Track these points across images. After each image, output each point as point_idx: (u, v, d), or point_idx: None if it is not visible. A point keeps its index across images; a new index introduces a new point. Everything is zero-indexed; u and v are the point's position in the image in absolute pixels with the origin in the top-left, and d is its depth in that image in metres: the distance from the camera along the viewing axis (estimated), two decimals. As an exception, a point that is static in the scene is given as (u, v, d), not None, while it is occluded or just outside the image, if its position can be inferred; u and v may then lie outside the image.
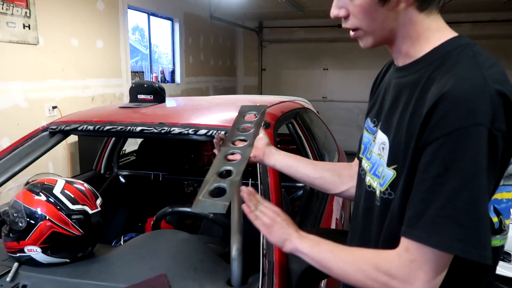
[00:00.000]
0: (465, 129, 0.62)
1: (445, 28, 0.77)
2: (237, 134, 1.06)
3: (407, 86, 0.76)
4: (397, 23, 0.75)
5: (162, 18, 5.73)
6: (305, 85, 8.21)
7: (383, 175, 0.78)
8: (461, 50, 0.71)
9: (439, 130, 0.65)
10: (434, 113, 0.65)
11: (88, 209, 1.25)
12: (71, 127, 1.77)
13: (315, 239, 0.84)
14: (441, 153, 0.64)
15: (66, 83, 3.82)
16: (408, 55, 0.79)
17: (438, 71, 0.71)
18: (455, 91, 0.65)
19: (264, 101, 2.18)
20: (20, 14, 3.25)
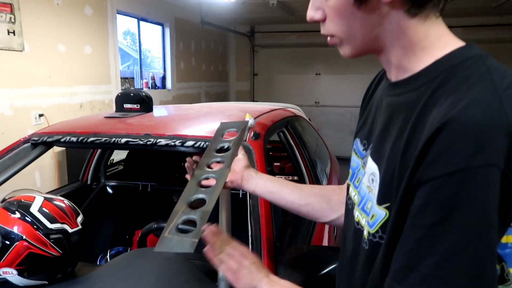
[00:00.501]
0: (472, 170, 0.49)
1: (449, 35, 0.63)
2: (213, 155, 0.96)
3: (403, 108, 0.62)
4: (383, 30, 0.62)
5: (153, 23, 5.67)
6: (298, 89, 8.19)
7: (373, 213, 0.64)
8: (471, 63, 0.57)
9: (439, 167, 0.51)
10: (434, 144, 0.52)
11: (67, 228, 1.19)
12: (54, 139, 1.70)
13: (287, 286, 0.76)
14: (439, 196, 0.51)
15: (53, 90, 3.74)
16: (402, 68, 0.65)
17: (441, 89, 0.57)
18: (463, 119, 0.51)
19: (254, 109, 2.14)
20: (4, 20, 3.17)
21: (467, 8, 5.99)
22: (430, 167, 0.52)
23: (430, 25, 0.62)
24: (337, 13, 0.64)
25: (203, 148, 1.51)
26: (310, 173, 2.15)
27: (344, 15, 0.64)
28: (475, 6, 5.87)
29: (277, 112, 2.18)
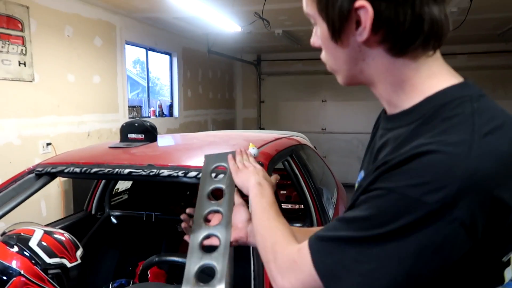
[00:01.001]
0: (407, 198, 0.52)
1: (444, 73, 0.61)
2: (207, 204, 0.87)
3: (392, 140, 0.63)
4: (367, 65, 0.62)
5: (161, 53, 5.79)
6: (304, 116, 8.22)
7: None
8: (459, 104, 0.57)
9: (384, 182, 0.55)
10: (402, 168, 0.54)
11: (66, 262, 1.17)
12: (57, 169, 1.70)
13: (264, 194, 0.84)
14: (376, 201, 0.55)
15: (61, 119, 3.79)
16: (393, 104, 0.65)
17: (425, 126, 0.57)
18: (432, 157, 0.52)
19: (259, 138, 2.13)
20: (16, 51, 3.26)
21: (471, 36, 6.04)
22: (380, 179, 0.55)
23: (421, 64, 0.61)
24: (323, 45, 0.66)
25: (206, 178, 1.50)
26: (316, 202, 2.12)
27: (328, 48, 0.65)
28: (480, 33, 5.91)
29: (282, 141, 2.17)
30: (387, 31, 0.58)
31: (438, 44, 0.60)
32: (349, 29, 0.60)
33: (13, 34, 3.23)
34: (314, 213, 2.05)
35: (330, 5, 0.60)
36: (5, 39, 3.16)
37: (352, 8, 0.57)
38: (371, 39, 0.59)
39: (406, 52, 0.59)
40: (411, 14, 0.56)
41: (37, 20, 3.46)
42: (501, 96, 6.71)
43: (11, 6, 3.21)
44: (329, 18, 0.61)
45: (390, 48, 0.59)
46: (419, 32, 0.57)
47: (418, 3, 0.56)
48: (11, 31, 3.21)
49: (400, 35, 0.58)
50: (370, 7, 0.56)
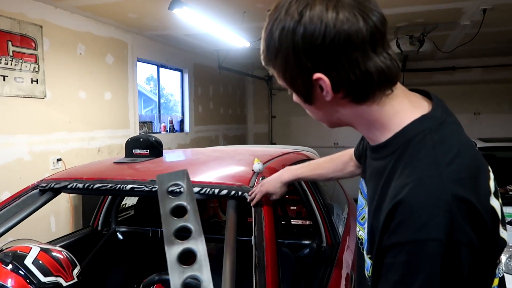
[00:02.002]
0: (418, 243, 0.60)
1: (405, 109, 0.71)
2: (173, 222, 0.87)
3: (375, 173, 0.75)
4: (342, 115, 0.73)
5: (172, 70, 5.84)
6: (316, 131, 8.15)
7: (366, 261, 0.77)
8: (421, 138, 0.67)
9: (395, 237, 0.62)
10: (392, 220, 0.63)
11: (62, 281, 1.13)
12: (61, 185, 1.69)
13: None
14: (398, 260, 0.62)
15: (72, 135, 3.82)
16: (371, 139, 0.77)
17: (399, 162, 0.68)
18: (410, 199, 0.61)
19: (266, 153, 2.09)
20: (28, 69, 3.32)
21: (486, 49, 5.95)
22: (390, 237, 0.63)
23: (383, 105, 0.70)
24: (302, 105, 0.76)
25: (209, 194, 1.46)
26: (325, 219, 2.05)
27: (306, 107, 0.76)
28: (494, 46, 5.82)
29: (289, 156, 2.12)
30: (345, 89, 0.67)
31: (393, 84, 0.69)
32: (316, 93, 0.70)
33: (26, 52, 3.30)
34: (323, 230, 1.99)
35: (294, 82, 0.70)
36: (18, 57, 3.22)
37: (312, 80, 0.67)
38: (336, 97, 0.68)
39: (367, 99, 0.69)
40: (359, 73, 0.65)
41: (50, 39, 3.53)
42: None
43: (25, 25, 3.28)
44: (297, 91, 0.72)
45: (353, 99, 0.69)
46: (372, 83, 0.66)
47: (362, 62, 0.64)
48: (24, 49, 3.28)
49: (357, 89, 0.67)
50: (325, 77, 0.66)
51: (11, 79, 3.17)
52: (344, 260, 1.95)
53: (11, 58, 3.16)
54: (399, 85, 0.71)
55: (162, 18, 4.11)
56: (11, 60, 3.16)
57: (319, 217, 2.04)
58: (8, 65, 3.14)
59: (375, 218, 0.69)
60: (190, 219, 0.88)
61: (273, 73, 0.74)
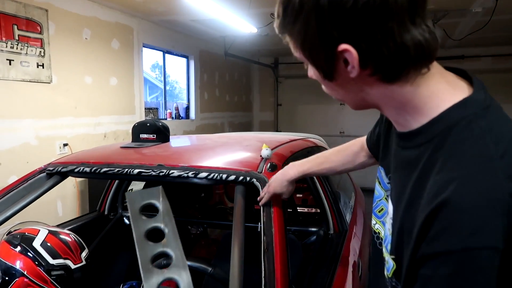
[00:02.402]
0: (470, 252, 0.50)
1: (443, 90, 0.61)
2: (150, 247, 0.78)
3: (405, 163, 0.64)
4: (367, 94, 0.63)
5: (178, 56, 5.80)
6: (322, 120, 8.11)
7: (387, 260, 0.68)
8: (465, 126, 0.56)
9: (439, 245, 0.52)
10: (435, 224, 0.53)
11: (70, 264, 1.13)
12: (68, 169, 1.68)
13: None
14: (441, 273, 0.52)
15: (78, 121, 3.81)
16: (400, 124, 0.66)
17: (438, 153, 0.57)
18: (458, 199, 0.51)
19: (273, 139, 2.07)
20: (34, 53, 3.30)
21: (496, 37, 5.84)
22: (431, 244, 0.53)
23: (417, 85, 0.60)
24: (321, 82, 0.67)
25: (217, 180, 1.45)
26: (332, 206, 2.04)
27: (326, 85, 0.66)
28: (505, 35, 5.71)
29: (297, 143, 2.10)
30: (375, 65, 0.58)
31: (430, 61, 0.59)
32: (339, 68, 0.60)
33: (32, 36, 3.27)
34: (331, 217, 1.98)
35: (314, 53, 0.61)
36: (24, 41, 3.20)
37: (336, 52, 0.58)
38: (362, 74, 0.59)
39: (399, 78, 0.59)
40: (394, 46, 0.56)
41: (56, 23, 3.50)
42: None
43: (31, 9, 3.25)
44: (317, 64, 0.63)
45: (383, 78, 0.59)
46: (407, 59, 0.57)
47: (397, 34, 0.55)
48: (30, 33, 3.25)
49: (389, 66, 0.58)
50: (353, 49, 0.56)
51: (17, 63, 3.16)
52: (352, 247, 1.94)
53: (17, 42, 3.14)
54: (435, 63, 0.61)
55: (169, 3, 4.06)
56: (16, 44, 3.14)
57: (327, 204, 2.03)
58: (14, 49, 3.12)
59: (408, 217, 0.59)
60: (170, 243, 0.77)
61: (288, 42, 0.65)
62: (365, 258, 2.28)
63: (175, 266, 0.76)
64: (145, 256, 0.77)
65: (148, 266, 0.75)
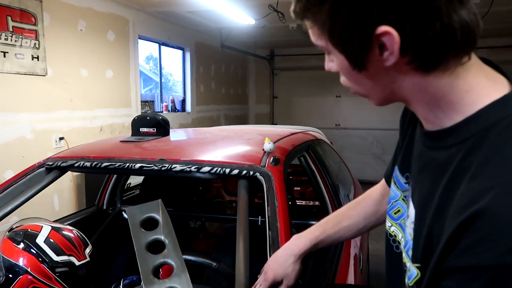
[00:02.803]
0: (507, 269, 0.44)
1: (482, 84, 0.54)
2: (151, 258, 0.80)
3: (433, 165, 0.58)
4: (398, 86, 0.56)
5: (173, 48, 5.75)
6: (318, 112, 8.10)
7: (409, 268, 0.62)
8: (505, 127, 0.50)
9: (470, 258, 0.47)
10: (466, 235, 0.47)
11: (74, 260, 1.12)
12: (68, 164, 1.66)
13: None
14: (472, 286, 0.46)
15: (74, 114, 3.77)
16: (430, 122, 0.59)
17: (472, 156, 0.51)
18: (496, 210, 0.45)
19: (274, 132, 2.06)
20: (29, 45, 3.24)
21: (493, 29, 5.85)
22: (461, 256, 0.48)
23: (455, 77, 0.54)
24: (344, 74, 0.60)
25: (220, 174, 1.44)
26: (333, 198, 2.04)
27: (351, 76, 0.59)
28: (501, 26, 5.72)
29: (298, 136, 2.09)
30: (417, 50, 0.51)
31: (472, 48, 0.53)
32: (373, 56, 0.53)
33: (26, 28, 3.21)
34: (331, 210, 1.98)
35: (347, 39, 0.53)
36: (18, 33, 3.14)
37: (373, 36, 0.51)
38: (399, 62, 0.52)
39: (438, 66, 0.53)
40: (440, 27, 0.49)
41: (50, 14, 3.44)
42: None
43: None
44: (347, 51, 0.55)
45: (420, 66, 0.53)
46: (453, 44, 0.51)
47: (446, 13, 0.49)
48: (24, 25, 3.19)
49: (431, 51, 0.51)
50: (395, 32, 0.50)
51: (11, 55, 3.10)
52: (353, 240, 1.94)
53: (11, 34, 3.09)
54: (472, 53, 0.54)
55: (165, -6, 4.01)
56: (11, 35, 3.08)
57: (327, 197, 2.03)
58: (8, 41, 3.06)
59: (437, 225, 0.53)
60: (171, 255, 0.80)
61: (311, 29, 0.57)
62: (365, 251, 2.29)
63: (176, 275, 0.78)
64: (146, 267, 0.79)
65: (149, 277, 0.77)
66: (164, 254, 0.80)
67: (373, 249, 3.12)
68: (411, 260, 0.61)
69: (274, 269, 1.00)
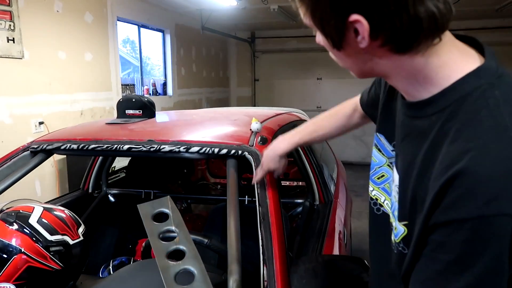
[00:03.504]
0: (485, 219, 0.51)
1: (454, 59, 0.60)
2: (165, 244, 0.90)
3: (415, 133, 0.64)
4: (376, 63, 0.62)
5: (153, 30, 5.64)
6: (299, 94, 8.15)
7: (395, 226, 0.69)
8: (480, 95, 0.56)
9: (453, 213, 0.53)
10: (448, 193, 0.53)
11: (68, 239, 1.13)
12: (54, 146, 1.65)
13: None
14: (454, 239, 0.53)
15: (54, 98, 3.69)
16: (410, 94, 0.65)
17: (450, 123, 0.57)
18: (474, 169, 0.52)
19: (260, 113, 2.08)
20: (3, 27, 3.13)
21: (469, 11, 5.96)
22: (445, 212, 0.54)
23: (428, 55, 0.59)
24: (329, 50, 0.66)
25: (209, 154, 1.46)
26: (318, 178, 2.09)
27: (334, 53, 0.66)
28: (478, 9, 5.83)
29: (283, 117, 2.13)
30: (385, 36, 0.57)
31: (443, 32, 0.58)
32: (349, 38, 0.59)
33: (0, 9, 3.10)
34: (317, 188, 2.03)
35: (325, 22, 0.60)
36: (-8, 14, 3.03)
37: (347, 22, 0.57)
38: (372, 45, 0.58)
39: (410, 48, 0.58)
40: (407, 18, 0.55)
41: (25, -6, 3.33)
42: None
43: (-3, -22, 3.07)
44: (326, 33, 0.62)
45: (393, 48, 0.59)
46: (419, 31, 0.56)
47: (412, 5, 0.54)
48: (-2, 5, 3.08)
49: (400, 38, 0.57)
50: (364, 20, 0.56)
51: (-15, 37, 3.00)
52: (337, 217, 2.01)
53: (-15, 15, 2.98)
54: (447, 32, 0.60)
55: (144, -26, 3.92)
56: (-16, 17, 2.97)
57: (312, 176, 2.08)
58: (-19, 22, 2.96)
59: (420, 186, 0.59)
60: (182, 241, 0.89)
61: (299, 8, 0.64)
62: (348, 227, 2.36)
63: (189, 257, 0.87)
64: (160, 250, 0.88)
65: (164, 259, 0.86)
66: (176, 241, 0.90)
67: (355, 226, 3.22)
68: (397, 219, 0.68)
69: (267, 163, 1.26)
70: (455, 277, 0.53)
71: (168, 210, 0.97)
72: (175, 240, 0.90)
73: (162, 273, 0.84)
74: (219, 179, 3.37)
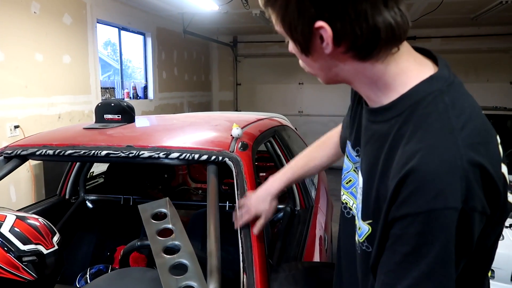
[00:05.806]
0: (433, 212, 0.56)
1: (412, 68, 0.66)
2: (161, 241, 0.97)
3: (377, 136, 0.69)
4: (340, 69, 0.67)
5: (134, 33, 5.58)
6: (281, 99, 8.19)
7: (359, 226, 0.73)
8: (431, 100, 0.62)
9: (407, 208, 0.58)
10: (402, 189, 0.59)
11: (42, 249, 1.09)
12: (29, 152, 1.60)
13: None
14: (409, 232, 0.58)
15: (30, 101, 3.60)
16: (372, 100, 0.70)
17: (406, 126, 0.63)
18: (423, 167, 0.57)
19: (241, 119, 2.08)
20: (-22, 28, 3.05)
21: (446, 19, 6.12)
22: (400, 207, 0.59)
23: (387, 63, 0.65)
24: (298, 56, 0.70)
25: (189, 160, 1.44)
26: (299, 184, 2.10)
27: (302, 59, 0.70)
28: (454, 17, 5.99)
29: (264, 122, 2.13)
30: (348, 43, 0.62)
31: (400, 42, 0.64)
32: (315, 44, 0.64)
33: (-26, 9, 3.02)
34: (297, 194, 2.04)
35: (293, 29, 0.64)
36: (-35, 14, 2.94)
37: (313, 29, 0.62)
38: (336, 51, 0.63)
39: (371, 56, 0.64)
40: (366, 27, 0.60)
41: (0, -5, 3.24)
42: (472, 79, 6.88)
43: (-29, -22, 2.98)
44: (295, 39, 0.66)
45: (355, 55, 0.64)
46: (378, 40, 0.61)
47: (370, 15, 0.59)
48: (-29, 5, 2.99)
49: (361, 45, 0.62)
50: (328, 27, 0.60)
51: (-42, 38, 2.90)
52: (318, 222, 2.02)
53: (-43, 15, 2.88)
54: (405, 43, 0.66)
55: (124, -23, 3.87)
56: (-43, 17, 2.88)
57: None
58: (-46, 22, 2.87)
59: (382, 185, 0.64)
60: (177, 237, 0.96)
61: (271, 16, 0.68)
62: (329, 232, 2.38)
63: (183, 251, 0.95)
64: (157, 247, 0.95)
65: (160, 254, 0.93)
66: (172, 238, 0.96)
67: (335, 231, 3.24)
68: (361, 219, 0.72)
69: (256, 205, 1.18)
70: (411, 267, 0.58)
71: (166, 210, 1.04)
72: (171, 236, 0.97)
73: (158, 265, 0.91)
74: (201, 184, 3.34)
